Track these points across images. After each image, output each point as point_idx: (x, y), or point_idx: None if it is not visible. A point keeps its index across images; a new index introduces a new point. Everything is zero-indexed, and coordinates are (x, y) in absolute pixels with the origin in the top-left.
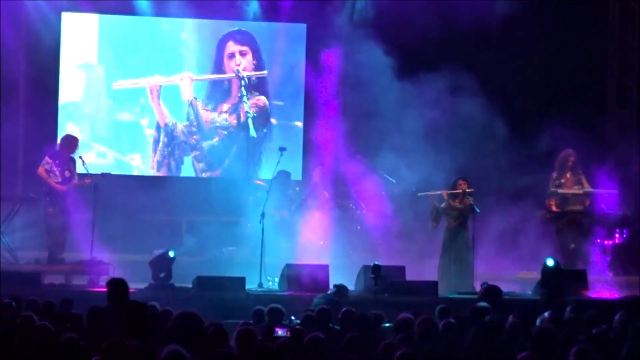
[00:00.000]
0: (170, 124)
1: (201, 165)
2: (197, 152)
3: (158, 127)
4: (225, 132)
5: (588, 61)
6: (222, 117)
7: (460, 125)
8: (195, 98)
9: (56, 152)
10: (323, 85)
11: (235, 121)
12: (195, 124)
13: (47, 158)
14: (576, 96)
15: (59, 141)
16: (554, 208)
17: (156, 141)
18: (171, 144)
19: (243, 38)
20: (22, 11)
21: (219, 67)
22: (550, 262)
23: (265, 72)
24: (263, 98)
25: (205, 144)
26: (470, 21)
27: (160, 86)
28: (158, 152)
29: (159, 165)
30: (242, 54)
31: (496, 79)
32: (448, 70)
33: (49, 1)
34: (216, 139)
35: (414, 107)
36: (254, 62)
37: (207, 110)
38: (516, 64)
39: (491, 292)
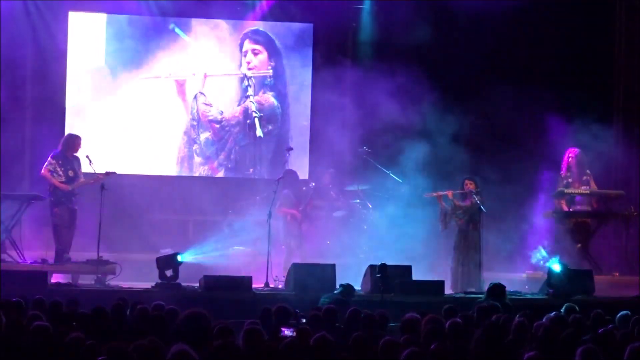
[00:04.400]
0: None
1: (200, 158)
2: (197, 146)
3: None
4: (218, 126)
5: (595, 62)
6: (217, 110)
7: (467, 125)
8: (201, 93)
9: (59, 152)
10: (330, 84)
11: (231, 117)
12: (196, 117)
13: (50, 159)
14: (582, 96)
15: (61, 141)
16: (564, 207)
17: (179, 138)
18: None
19: (258, 38)
20: (29, 10)
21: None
22: (555, 265)
23: (270, 71)
24: (268, 95)
25: (202, 137)
26: (476, 20)
27: (185, 81)
28: (183, 148)
29: (182, 160)
30: (255, 53)
31: (501, 80)
32: (454, 71)
33: (56, 0)
34: (210, 133)
35: (420, 107)
36: (271, 63)
37: (206, 104)
38: (521, 66)
39: (495, 289)
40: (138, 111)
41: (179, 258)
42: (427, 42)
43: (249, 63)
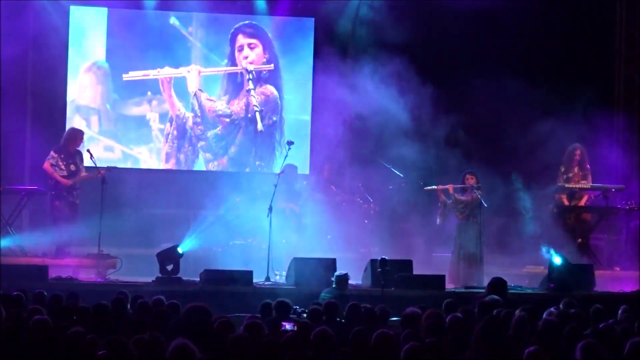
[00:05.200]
0: (181, 116)
1: (208, 155)
2: (204, 143)
3: (170, 119)
4: (228, 120)
5: (595, 56)
6: (224, 105)
7: (467, 118)
8: (200, 89)
9: (61, 146)
10: (331, 78)
11: (240, 110)
12: (199, 114)
13: (52, 152)
14: (583, 91)
15: (64, 135)
16: (565, 202)
17: (167, 133)
18: (183, 137)
19: (252, 31)
20: (30, 4)
21: (232, 61)
22: (556, 258)
23: (272, 65)
24: (270, 87)
25: (210, 134)
26: (477, 15)
27: (172, 78)
28: (167, 144)
29: (168, 157)
30: (251, 47)
31: (502, 74)
32: (456, 65)
33: None
34: (219, 128)
35: (421, 103)
36: (265, 56)
37: (210, 100)
38: (522, 60)
39: (496, 284)
40: (139, 107)
41: (180, 250)
42: (428, 37)
43: (246, 58)
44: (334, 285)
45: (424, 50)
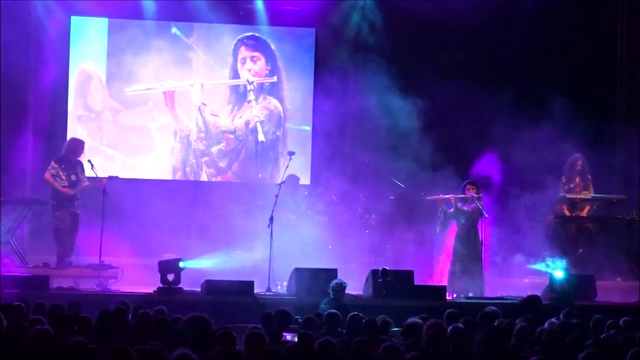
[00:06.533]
0: (185, 130)
1: (211, 170)
2: (207, 158)
3: (175, 132)
4: (232, 136)
5: (596, 65)
6: (228, 120)
7: (469, 129)
8: (204, 104)
9: (62, 156)
10: (332, 89)
11: (242, 125)
12: (203, 129)
13: (53, 163)
14: (584, 100)
15: (65, 145)
16: (566, 213)
17: (172, 146)
18: (187, 150)
19: (255, 43)
20: (31, 15)
21: (235, 72)
22: (558, 270)
23: (274, 78)
24: (275, 101)
25: (214, 149)
26: (478, 20)
27: (175, 91)
28: (173, 158)
29: (174, 170)
30: (254, 59)
31: (501, 82)
32: (457, 75)
33: (58, 4)
34: (224, 144)
35: (424, 112)
36: (267, 67)
37: (214, 115)
38: (522, 70)
39: (533, 301)
40: (140, 117)
41: (181, 264)
42: (432, 49)
43: (249, 70)
44: (331, 296)
45: (426, 60)
